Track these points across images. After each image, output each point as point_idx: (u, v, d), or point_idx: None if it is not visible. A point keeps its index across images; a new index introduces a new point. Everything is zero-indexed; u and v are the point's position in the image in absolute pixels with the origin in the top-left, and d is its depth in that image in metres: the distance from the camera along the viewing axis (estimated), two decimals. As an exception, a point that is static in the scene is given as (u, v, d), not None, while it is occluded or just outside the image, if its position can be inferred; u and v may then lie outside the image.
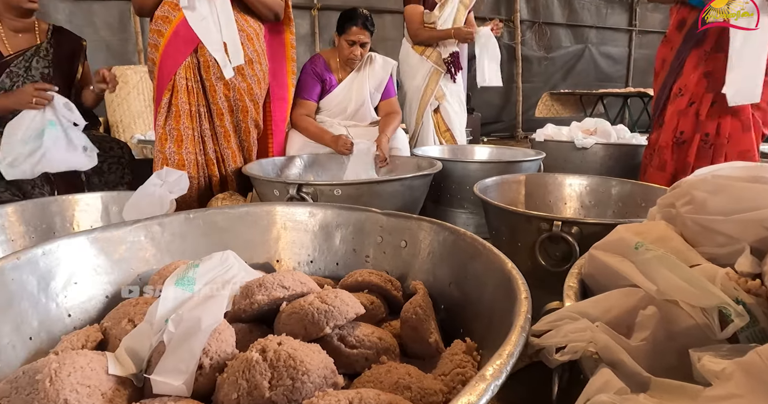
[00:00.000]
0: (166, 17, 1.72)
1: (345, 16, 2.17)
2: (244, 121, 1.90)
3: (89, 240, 0.83)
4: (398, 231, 0.97)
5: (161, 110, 1.76)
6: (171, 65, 1.74)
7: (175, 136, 1.76)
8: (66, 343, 0.67)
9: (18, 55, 1.81)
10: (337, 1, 6.46)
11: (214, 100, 1.81)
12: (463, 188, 2.16)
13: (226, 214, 0.99)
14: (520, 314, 0.61)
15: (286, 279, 0.71)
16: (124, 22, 5.72)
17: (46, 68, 1.87)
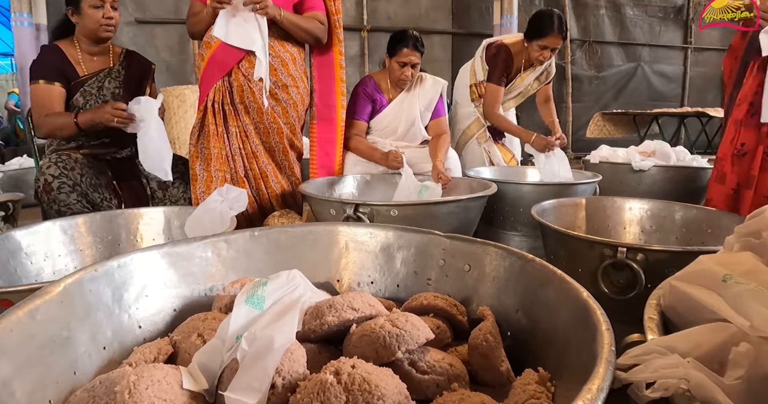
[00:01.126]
0: (208, 43, 1.84)
1: (396, 37, 2.20)
2: (281, 142, 1.96)
3: (161, 254, 0.86)
4: (461, 255, 0.96)
5: (194, 130, 1.86)
6: (206, 87, 1.84)
7: (205, 155, 1.85)
8: (139, 355, 0.69)
9: (92, 76, 1.90)
10: (387, 23, 6.59)
11: (247, 121, 1.88)
12: (516, 210, 2.12)
13: (289, 233, 1.00)
14: (603, 346, 0.58)
15: (356, 300, 0.71)
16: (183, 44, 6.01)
17: (117, 89, 1.95)
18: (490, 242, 0.94)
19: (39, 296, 0.64)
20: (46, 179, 1.64)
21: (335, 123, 2.10)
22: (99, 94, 1.92)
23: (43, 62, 1.84)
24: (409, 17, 6.78)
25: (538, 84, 2.75)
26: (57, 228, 1.50)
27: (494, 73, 2.58)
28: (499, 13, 6.55)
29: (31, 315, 0.60)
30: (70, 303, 0.67)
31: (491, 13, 6.77)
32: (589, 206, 1.90)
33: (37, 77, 1.80)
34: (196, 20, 1.88)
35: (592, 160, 2.98)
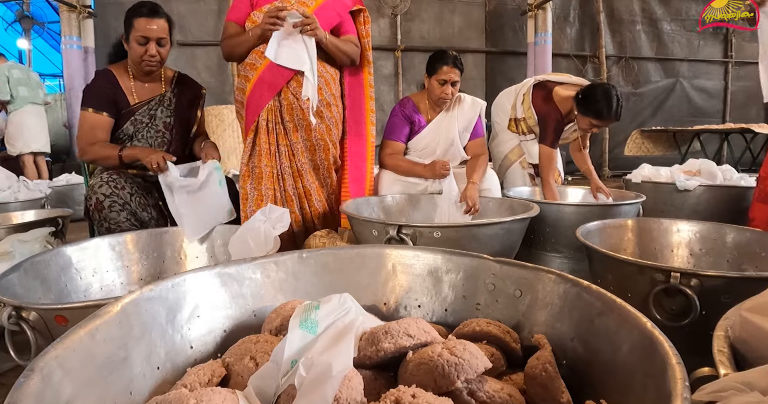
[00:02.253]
0: (253, 64, 1.87)
1: (435, 57, 2.21)
2: (326, 159, 1.99)
3: (212, 275, 0.87)
4: (512, 280, 0.94)
5: (246, 149, 1.89)
6: (255, 107, 1.87)
7: (256, 174, 1.88)
8: (193, 377, 0.69)
9: (143, 104, 1.90)
10: (420, 42, 6.66)
11: (297, 138, 1.90)
12: (557, 231, 2.08)
13: (337, 255, 1.00)
14: (676, 381, 0.55)
15: (411, 327, 0.70)
16: (222, 65, 6.20)
17: (168, 117, 1.94)
18: (542, 267, 0.91)
19: (99, 316, 0.65)
20: (98, 198, 1.68)
21: (365, 138, 2.12)
22: (151, 123, 1.91)
23: (95, 90, 1.83)
24: (442, 36, 6.84)
25: (579, 132, 2.68)
26: (105, 244, 1.54)
27: (547, 137, 2.50)
28: (533, 31, 6.55)
29: (92, 334, 0.61)
30: (127, 322, 0.68)
31: (525, 31, 6.78)
32: (635, 228, 1.84)
33: (87, 104, 1.81)
34: (237, 42, 1.90)
35: (633, 179, 2.91)
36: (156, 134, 1.91)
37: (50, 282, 1.36)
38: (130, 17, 1.76)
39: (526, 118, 2.66)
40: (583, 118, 2.33)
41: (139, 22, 1.74)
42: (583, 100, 2.29)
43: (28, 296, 1.23)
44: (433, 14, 6.83)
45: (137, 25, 1.74)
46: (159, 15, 1.78)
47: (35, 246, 1.75)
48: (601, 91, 2.25)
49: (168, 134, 1.93)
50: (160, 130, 1.91)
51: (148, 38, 1.75)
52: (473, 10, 6.97)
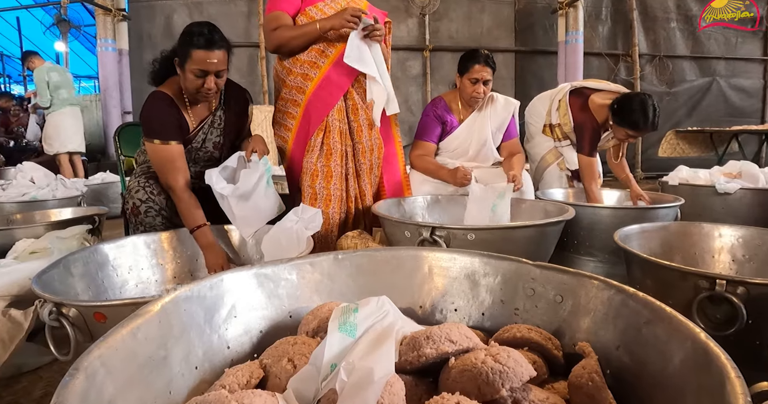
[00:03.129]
0: (314, 63, 1.85)
1: (466, 56, 2.19)
2: (379, 158, 1.99)
3: (249, 275, 0.86)
4: (553, 285, 0.91)
5: (313, 149, 1.86)
6: (322, 107, 1.85)
7: (326, 173, 1.86)
8: (231, 378, 0.68)
9: (198, 130, 1.79)
10: (449, 42, 6.61)
11: (360, 139, 1.91)
12: (592, 235, 2.03)
13: (372, 257, 0.98)
14: (737, 396, 0.52)
15: (453, 332, 0.68)
16: (252, 66, 6.28)
17: (218, 137, 1.85)
18: (585, 273, 0.88)
19: (140, 315, 0.65)
20: (134, 203, 1.69)
21: (393, 140, 2.12)
22: (202, 146, 1.84)
23: (159, 118, 1.66)
24: (471, 36, 6.78)
25: (616, 141, 2.61)
26: (141, 242, 1.57)
27: (585, 146, 2.46)
28: (563, 30, 6.43)
29: (134, 334, 0.61)
30: (167, 322, 0.68)
31: (555, 30, 6.66)
32: (674, 232, 1.78)
33: (153, 136, 1.64)
34: (299, 33, 1.83)
35: (670, 181, 2.82)
36: (205, 155, 1.87)
37: (88, 279, 1.39)
38: (187, 46, 1.57)
39: (562, 124, 2.61)
40: (618, 128, 2.27)
41: (197, 54, 1.56)
42: (619, 111, 2.23)
43: (67, 292, 1.25)
44: (462, 13, 6.77)
45: (195, 56, 1.56)
46: (218, 45, 1.58)
47: (73, 243, 1.79)
48: (638, 101, 2.18)
49: (217, 152, 1.89)
50: (209, 151, 1.86)
51: (206, 71, 1.58)
52: (502, 8, 6.88)
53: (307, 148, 1.88)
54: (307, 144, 1.88)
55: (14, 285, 1.46)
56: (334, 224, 1.87)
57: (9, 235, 1.82)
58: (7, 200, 2.92)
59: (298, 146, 1.91)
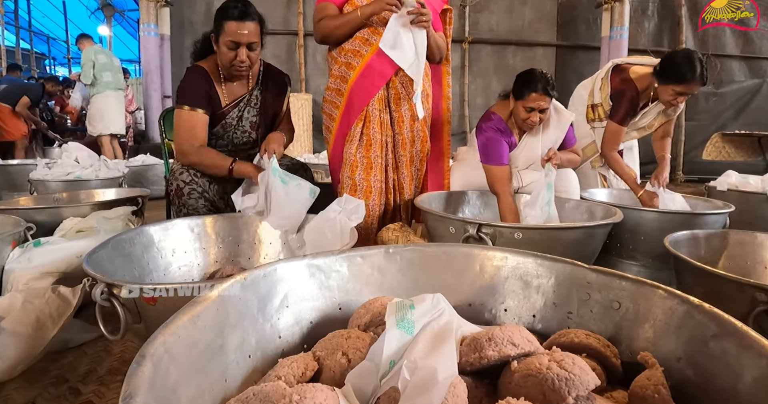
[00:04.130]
0: (357, 51, 1.82)
1: (523, 80, 1.93)
2: (422, 151, 1.95)
3: (302, 266, 0.86)
4: (610, 291, 0.87)
5: (352, 139, 1.84)
6: (363, 96, 1.82)
7: (365, 164, 1.84)
8: (286, 369, 0.67)
9: (233, 106, 1.82)
10: (488, 35, 6.51)
11: (401, 130, 1.87)
12: (636, 238, 1.96)
13: (423, 253, 0.97)
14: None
15: (515, 335, 0.66)
16: (290, 53, 6.30)
17: (254, 117, 1.87)
18: (645, 280, 0.84)
19: (198, 302, 0.65)
20: (178, 185, 1.71)
21: (442, 138, 2.08)
22: (238, 124, 1.86)
23: (189, 87, 1.73)
24: (511, 29, 6.66)
25: (664, 117, 2.51)
26: (185, 226, 1.59)
27: (618, 112, 2.36)
28: (608, 25, 6.24)
29: (194, 321, 0.61)
30: (224, 310, 0.68)
31: (599, 25, 6.47)
32: (725, 240, 1.71)
33: (183, 102, 1.71)
34: (342, 22, 1.81)
35: (718, 187, 2.71)
36: (242, 134, 1.88)
37: (134, 260, 1.41)
38: (220, 19, 1.65)
39: (603, 103, 2.52)
40: (665, 88, 2.15)
41: (230, 26, 1.62)
42: (663, 68, 2.13)
43: (114, 272, 1.27)
44: (503, 6, 6.64)
45: (227, 28, 1.63)
46: (250, 17, 1.64)
47: (118, 223, 1.82)
48: (682, 54, 2.09)
49: (254, 133, 1.89)
50: (246, 130, 1.87)
51: (238, 43, 1.64)
52: (545, 1, 6.73)
53: (347, 138, 1.86)
54: (348, 134, 1.86)
55: (62, 262, 1.50)
56: (375, 216, 1.86)
57: (57, 213, 1.86)
58: (52, 179, 3.01)
59: (340, 136, 1.90)
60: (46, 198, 2.32)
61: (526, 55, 6.80)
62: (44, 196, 2.37)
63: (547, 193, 1.82)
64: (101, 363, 1.30)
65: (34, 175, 3.07)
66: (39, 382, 1.20)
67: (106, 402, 1.12)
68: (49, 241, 1.57)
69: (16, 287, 1.44)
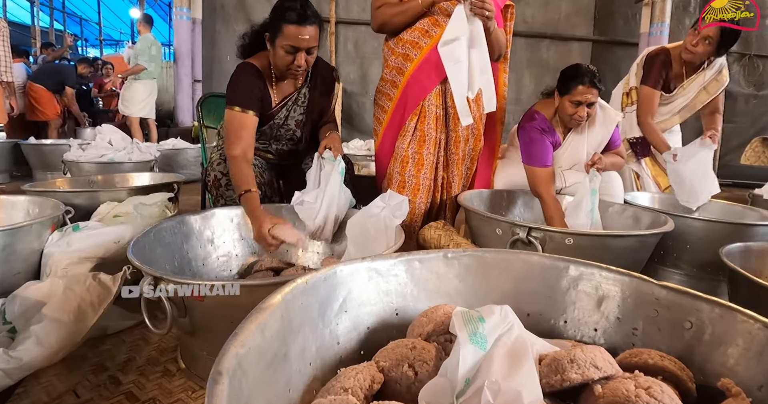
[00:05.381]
0: (416, 43, 1.75)
1: (568, 74, 1.88)
2: (475, 149, 1.89)
3: (361, 269, 0.82)
4: (681, 309, 0.82)
5: (406, 134, 1.78)
6: (419, 90, 1.75)
7: (416, 160, 1.78)
8: (353, 381, 0.64)
9: (282, 105, 1.75)
10: (523, 27, 6.35)
11: (455, 127, 1.81)
12: (681, 246, 1.89)
13: (481, 259, 0.92)
14: None
15: (597, 358, 0.62)
16: (321, 40, 6.23)
17: (300, 115, 1.79)
18: (721, 301, 0.79)
19: (264, 309, 0.61)
20: (215, 175, 1.68)
21: (495, 138, 2.00)
22: (284, 123, 1.78)
23: (243, 87, 1.64)
24: (547, 22, 6.50)
25: (706, 95, 2.41)
26: (225, 216, 1.57)
27: (649, 75, 2.30)
28: (648, 21, 6.06)
29: (261, 330, 0.58)
30: (288, 316, 0.65)
31: (638, 20, 6.28)
32: (779, 254, 1.62)
33: (235, 103, 1.61)
34: (401, 10, 1.73)
35: (765, 195, 2.60)
36: (286, 133, 1.81)
37: (174, 249, 1.40)
38: (278, 21, 1.54)
39: (638, 86, 2.44)
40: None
41: (289, 30, 1.51)
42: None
43: (156, 261, 1.26)
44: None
45: (286, 32, 1.52)
46: (311, 20, 1.52)
47: (155, 209, 1.82)
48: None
49: (298, 131, 1.82)
50: (290, 128, 1.80)
51: (297, 48, 1.53)
52: (583, -5, 6.55)
53: (401, 133, 1.79)
54: (401, 128, 1.79)
55: (101, 247, 1.50)
56: (419, 214, 1.81)
57: (94, 197, 1.86)
58: (86, 160, 3.04)
59: (391, 129, 1.83)
60: (82, 180, 2.33)
61: (560, 50, 6.63)
62: (80, 179, 2.38)
63: (591, 200, 1.75)
64: (140, 352, 1.30)
65: (68, 156, 3.10)
66: (79, 369, 1.20)
67: (146, 394, 1.11)
68: (87, 226, 1.56)
69: (54, 271, 1.44)
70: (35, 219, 1.45)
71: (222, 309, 0.98)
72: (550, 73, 6.41)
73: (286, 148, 1.83)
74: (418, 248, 1.77)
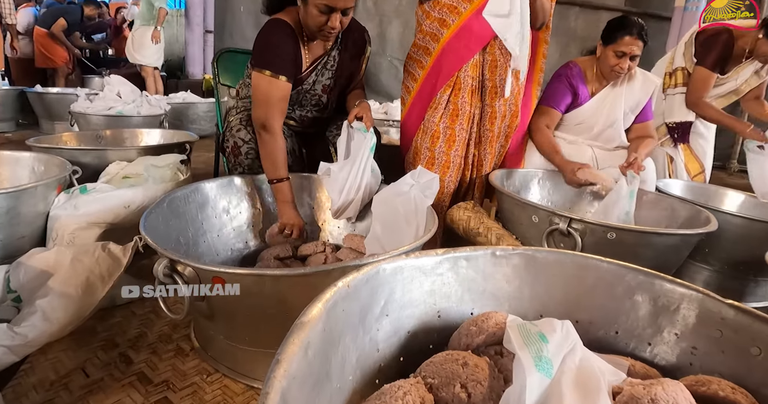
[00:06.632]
0: (455, 8, 1.59)
1: (616, 24, 1.84)
2: (511, 126, 1.77)
3: (403, 267, 0.74)
4: (749, 333, 0.74)
5: (438, 106, 1.65)
6: (455, 60, 1.61)
7: (448, 136, 1.66)
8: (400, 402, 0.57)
9: (312, 70, 1.60)
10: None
11: (492, 102, 1.67)
12: (713, 242, 1.79)
13: (531, 259, 0.84)
14: None
15: (679, 398, 0.55)
16: None
17: (329, 79, 1.65)
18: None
19: (305, 324, 0.53)
20: (235, 142, 1.56)
21: (529, 111, 1.87)
22: (311, 88, 1.63)
23: (274, 47, 1.46)
24: (578, -11, 6.18)
25: (757, 79, 2.26)
26: (241, 184, 1.49)
27: (709, 56, 2.17)
28: (684, -6, 5.74)
29: (305, 350, 0.50)
30: (329, 328, 0.57)
31: (673, -7, 5.96)
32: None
33: (264, 65, 1.43)
34: None
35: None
36: (312, 98, 1.66)
37: (188, 219, 1.32)
38: None
39: (687, 65, 2.29)
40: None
41: None
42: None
43: (169, 235, 1.19)
44: (572, -37, 6.14)
45: None
46: None
47: (167, 172, 1.73)
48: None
49: (324, 97, 1.67)
50: (317, 94, 1.65)
51: (333, 8, 1.37)
52: (618, -38, 6.20)
53: (431, 105, 1.66)
54: (432, 100, 1.66)
55: (110, 212, 1.42)
56: (448, 193, 1.71)
57: (102, 156, 1.77)
58: (94, 112, 2.93)
59: (420, 100, 1.70)
60: (90, 135, 2.23)
61: (589, 19, 6.33)
62: (87, 133, 2.27)
63: (628, 203, 1.67)
64: (151, 327, 1.24)
65: (75, 107, 2.99)
66: (88, 345, 1.14)
67: (159, 375, 1.05)
68: (95, 188, 1.48)
69: (61, 236, 1.37)
70: (40, 181, 1.36)
71: (243, 296, 0.91)
72: (577, 42, 6.16)
73: (311, 115, 1.70)
74: (445, 229, 1.68)
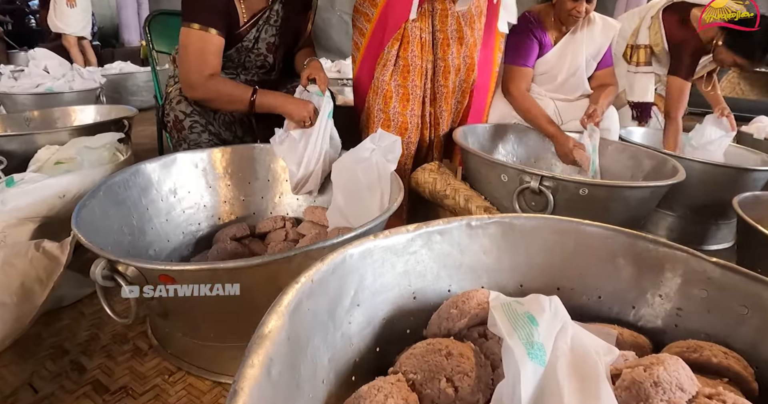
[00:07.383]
0: None
1: None
2: (467, 80, 1.66)
3: (372, 250, 0.67)
4: (736, 292, 0.71)
5: (386, 62, 1.52)
6: (401, 11, 1.46)
7: (401, 94, 1.54)
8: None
9: (251, 25, 1.46)
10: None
11: (444, 55, 1.56)
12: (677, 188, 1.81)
13: (510, 227, 0.78)
14: None
15: (682, 377, 0.51)
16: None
17: (273, 36, 1.50)
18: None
19: (264, 337, 0.44)
20: (176, 115, 1.41)
21: (491, 65, 1.77)
22: (254, 47, 1.49)
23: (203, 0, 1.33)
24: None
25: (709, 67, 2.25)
26: (188, 160, 1.37)
27: (682, 67, 2.09)
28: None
29: (267, 370, 0.42)
30: (294, 335, 0.49)
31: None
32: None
33: (192, 18, 1.31)
34: None
35: (755, 134, 2.49)
36: (256, 58, 1.52)
37: (130, 206, 1.20)
38: None
39: (652, 45, 2.23)
40: (727, 52, 1.92)
41: None
42: (737, 34, 1.88)
43: (110, 227, 1.07)
44: None
45: None
46: None
47: (104, 153, 1.59)
48: (764, 28, 1.82)
49: (270, 57, 1.54)
50: (261, 53, 1.51)
51: None
52: None
53: (379, 61, 1.53)
54: (379, 56, 1.54)
55: (43, 204, 1.28)
56: (409, 155, 1.61)
57: (30, 141, 1.60)
58: (20, 91, 2.66)
59: (369, 56, 1.57)
60: (16, 118, 2.01)
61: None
62: (13, 116, 2.05)
63: (591, 157, 1.64)
64: (103, 328, 1.13)
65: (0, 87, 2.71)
66: (34, 356, 1.03)
67: (116, 381, 0.96)
68: (24, 179, 1.32)
69: (-10, 235, 1.22)
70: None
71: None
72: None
73: (257, 79, 1.56)
74: (410, 193, 1.61)
